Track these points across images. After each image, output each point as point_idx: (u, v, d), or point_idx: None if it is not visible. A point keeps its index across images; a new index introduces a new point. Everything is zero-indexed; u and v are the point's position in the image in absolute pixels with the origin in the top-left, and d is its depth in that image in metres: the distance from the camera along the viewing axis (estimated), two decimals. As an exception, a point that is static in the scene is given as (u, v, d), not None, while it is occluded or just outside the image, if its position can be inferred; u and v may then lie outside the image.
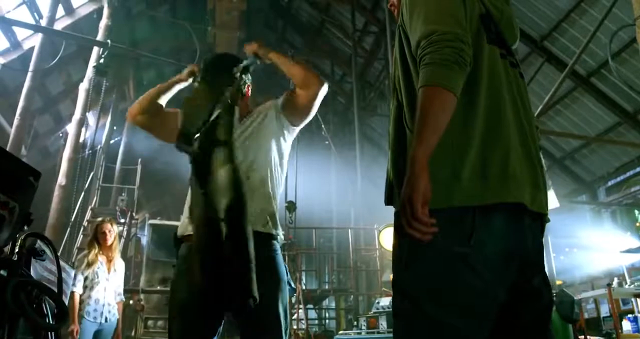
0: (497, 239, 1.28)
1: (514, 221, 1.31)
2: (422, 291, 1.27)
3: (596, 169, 12.02)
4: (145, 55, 11.15)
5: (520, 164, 1.34)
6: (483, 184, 1.28)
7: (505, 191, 1.29)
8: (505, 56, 1.47)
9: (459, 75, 1.25)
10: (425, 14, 1.34)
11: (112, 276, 4.68)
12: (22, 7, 10.50)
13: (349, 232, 11.58)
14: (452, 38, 1.26)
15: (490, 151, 1.30)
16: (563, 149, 12.15)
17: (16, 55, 10.58)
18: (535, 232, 1.39)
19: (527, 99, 1.49)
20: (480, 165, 1.29)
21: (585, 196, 12.40)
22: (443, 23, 1.30)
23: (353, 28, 13.48)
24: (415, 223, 1.17)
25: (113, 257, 4.75)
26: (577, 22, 9.40)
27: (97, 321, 4.48)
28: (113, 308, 4.64)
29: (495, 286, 1.27)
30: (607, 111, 10.42)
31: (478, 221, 1.26)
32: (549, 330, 1.44)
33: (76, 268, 4.63)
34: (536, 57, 10.46)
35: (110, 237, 4.73)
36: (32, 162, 11.03)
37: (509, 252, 1.30)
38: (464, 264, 1.25)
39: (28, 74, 8.94)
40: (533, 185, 1.36)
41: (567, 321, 5.50)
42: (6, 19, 9.64)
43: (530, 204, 1.33)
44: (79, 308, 4.43)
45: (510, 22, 1.54)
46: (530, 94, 1.52)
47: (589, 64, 9.85)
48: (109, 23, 11.17)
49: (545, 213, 1.41)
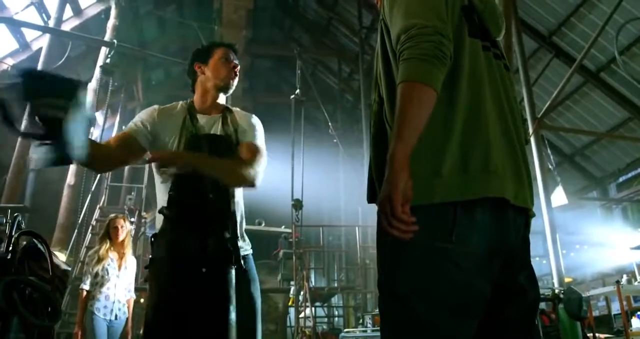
0: (480, 234, 1.25)
1: (497, 216, 1.29)
2: (407, 290, 1.25)
3: (607, 165, 11.91)
4: (152, 54, 11.21)
5: (503, 159, 1.31)
6: (464, 180, 1.26)
7: (487, 185, 1.27)
8: (489, 48, 1.44)
9: (439, 70, 1.22)
10: (405, 8, 1.32)
11: (122, 273, 4.64)
12: (31, 8, 10.58)
13: (357, 230, 11.58)
14: (432, 32, 1.24)
15: (471, 146, 1.28)
16: (573, 146, 12.05)
17: (25, 56, 10.66)
18: (520, 227, 1.37)
19: (513, 91, 1.46)
20: (461, 160, 1.27)
21: (596, 193, 12.29)
22: (423, 17, 1.28)
23: (360, 25, 13.44)
24: (395, 222, 1.16)
25: (124, 254, 4.70)
26: (587, 16, 9.29)
27: (106, 318, 4.44)
28: (123, 305, 4.60)
29: (480, 281, 1.25)
30: (617, 107, 10.31)
31: (459, 216, 1.24)
32: (534, 328, 1.43)
33: (86, 265, 4.61)
34: (545, 53, 10.37)
35: (122, 234, 4.69)
36: (41, 162, 11.16)
37: (492, 247, 1.27)
38: (447, 260, 1.23)
39: (36, 74, 9.00)
40: (516, 180, 1.34)
41: (575, 318, 5.43)
42: (15, 20, 9.74)
43: (514, 199, 1.31)
44: (89, 304, 4.41)
45: (493, 13, 1.51)
46: (539, 89, 1.50)
47: (599, 59, 9.75)
48: (116, 23, 11.24)
49: (529, 208, 1.39)
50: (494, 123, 1.34)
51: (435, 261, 1.23)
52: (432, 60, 1.21)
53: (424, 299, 1.23)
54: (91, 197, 9.53)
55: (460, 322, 1.23)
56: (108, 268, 4.54)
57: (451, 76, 1.31)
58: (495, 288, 1.29)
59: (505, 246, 1.30)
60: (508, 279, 1.32)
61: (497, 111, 1.36)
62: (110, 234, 4.69)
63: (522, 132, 1.43)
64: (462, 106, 1.31)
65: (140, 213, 10.29)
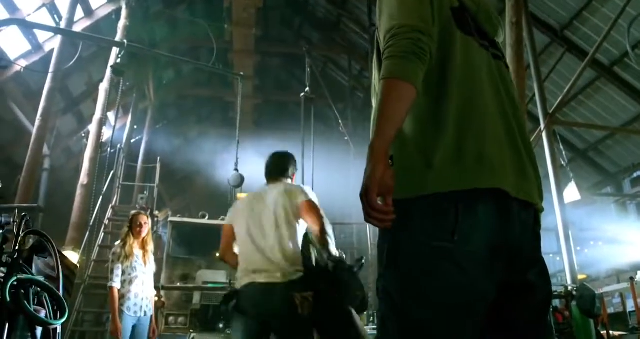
0: (482, 231, 1.23)
1: (500, 211, 1.27)
2: (404, 291, 1.24)
3: (621, 161, 11.76)
4: (162, 54, 11.26)
5: (501, 151, 1.30)
6: (456, 170, 1.26)
7: (480, 176, 1.26)
8: (487, 48, 1.46)
9: (417, 65, 1.26)
10: (389, 12, 1.38)
11: (148, 269, 4.63)
12: (43, 10, 10.68)
13: (368, 227, 11.56)
14: (409, 30, 1.29)
15: (464, 138, 1.28)
16: (586, 141, 11.91)
17: (38, 58, 10.75)
18: (527, 222, 1.34)
19: (513, 89, 1.47)
20: (454, 152, 1.27)
21: (610, 188, 12.15)
22: (403, 17, 1.33)
23: (370, 22, 13.38)
24: (372, 212, 1.19)
25: (148, 250, 4.68)
26: (599, 10, 9.17)
27: (137, 315, 4.43)
28: (150, 301, 4.60)
29: (483, 282, 1.23)
30: (631, 101, 10.18)
31: (461, 213, 1.23)
32: (547, 326, 1.40)
33: (112, 262, 4.54)
34: (557, 47, 10.25)
35: (145, 230, 4.67)
36: (56, 163, 11.23)
37: (494, 244, 1.25)
38: (447, 260, 1.21)
39: (48, 75, 9.10)
40: (518, 173, 1.32)
41: (588, 315, 5.37)
42: (27, 22, 9.83)
43: (516, 193, 1.29)
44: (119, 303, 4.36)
45: (488, 13, 1.53)
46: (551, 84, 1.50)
47: (612, 53, 9.62)
48: (127, 23, 11.32)
49: (534, 202, 1.36)
50: (493, 117, 1.34)
51: (435, 261, 1.22)
52: (410, 57, 1.26)
53: (422, 301, 1.21)
54: (103, 197, 9.60)
55: (457, 324, 1.21)
56: (135, 265, 4.52)
57: (443, 71, 1.34)
58: (501, 286, 1.26)
59: (508, 241, 1.27)
60: (515, 277, 1.30)
61: (497, 106, 1.36)
62: (133, 230, 4.65)
63: (526, 129, 1.43)
64: (455, 100, 1.32)
65: (153, 212, 10.34)
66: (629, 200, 11.77)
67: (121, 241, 4.66)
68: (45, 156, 10.97)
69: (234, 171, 7.92)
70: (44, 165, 11.20)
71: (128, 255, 4.52)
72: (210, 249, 8.82)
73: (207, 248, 8.80)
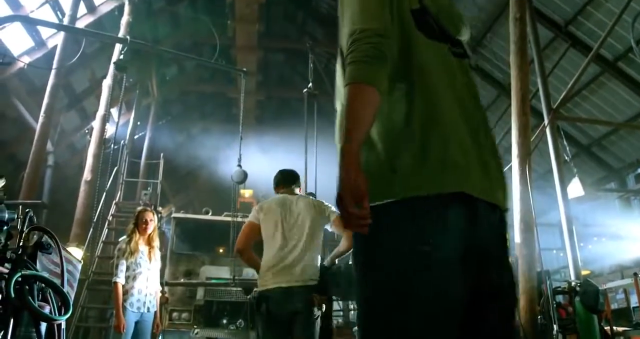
0: (454, 236, 1.24)
1: (467, 214, 1.27)
2: (381, 296, 1.24)
3: (625, 156, 11.71)
4: (165, 50, 11.24)
5: (465, 154, 1.31)
6: (421, 175, 1.26)
7: (444, 180, 1.26)
8: (450, 48, 1.46)
9: (379, 68, 1.27)
10: (350, 16, 1.39)
11: (153, 266, 4.65)
12: (46, 6, 10.69)
13: (372, 223, 11.57)
14: (370, 34, 1.30)
15: (427, 142, 1.29)
16: (590, 136, 11.87)
17: (41, 54, 10.76)
18: (494, 224, 1.35)
19: (476, 89, 1.48)
20: (418, 156, 1.28)
21: (614, 184, 12.11)
22: (365, 21, 1.34)
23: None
24: (349, 217, 1.18)
25: (153, 246, 4.70)
26: (603, 5, 9.11)
27: (140, 311, 4.46)
28: (154, 298, 4.61)
29: (458, 285, 1.22)
30: (635, 96, 10.12)
31: (431, 218, 1.23)
32: (513, 330, 1.42)
33: (117, 258, 4.57)
34: (560, 42, 10.19)
35: (150, 227, 4.69)
36: (60, 159, 11.24)
37: (465, 248, 1.25)
38: (420, 265, 1.21)
39: (52, 71, 9.12)
40: (483, 175, 1.33)
41: (591, 311, 5.37)
42: (30, 18, 9.83)
43: (485, 196, 1.30)
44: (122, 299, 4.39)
45: (449, 14, 1.52)
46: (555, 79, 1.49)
47: (616, 48, 9.56)
48: (130, 20, 11.31)
49: (498, 203, 1.37)
50: (455, 119, 1.34)
51: (407, 265, 1.22)
52: (372, 61, 1.27)
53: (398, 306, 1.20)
54: (107, 193, 9.62)
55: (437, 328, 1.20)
56: (140, 261, 4.54)
57: (406, 75, 1.35)
58: (472, 289, 1.26)
59: (476, 244, 1.27)
60: (484, 280, 1.29)
61: (460, 108, 1.37)
62: (139, 226, 4.67)
63: (489, 129, 1.44)
64: (418, 104, 1.32)
65: (156, 208, 10.37)
66: (632, 195, 11.73)
67: (127, 237, 4.69)
68: (49, 152, 11.01)
69: (237, 167, 7.92)
70: (48, 161, 11.24)
71: (133, 251, 4.54)
72: (213, 245, 8.85)
73: (211, 244, 8.83)
